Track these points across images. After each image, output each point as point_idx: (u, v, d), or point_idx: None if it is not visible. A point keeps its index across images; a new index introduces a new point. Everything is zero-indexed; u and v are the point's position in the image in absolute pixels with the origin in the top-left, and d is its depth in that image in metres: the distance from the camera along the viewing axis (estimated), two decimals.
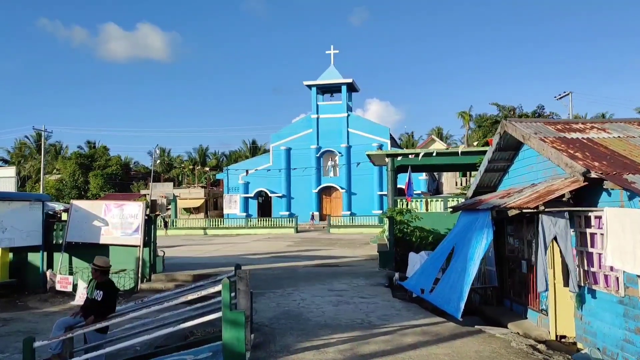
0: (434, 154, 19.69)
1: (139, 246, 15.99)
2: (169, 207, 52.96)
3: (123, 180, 69.45)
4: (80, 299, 15.63)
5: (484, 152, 25.73)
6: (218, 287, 6.35)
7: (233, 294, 7.06)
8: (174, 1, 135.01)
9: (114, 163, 69.34)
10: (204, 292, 6.67)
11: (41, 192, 50.47)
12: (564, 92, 37.33)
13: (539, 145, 8.49)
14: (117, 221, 16.34)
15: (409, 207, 26.54)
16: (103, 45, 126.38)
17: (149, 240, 16.36)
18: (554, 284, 9.01)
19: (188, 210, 57.05)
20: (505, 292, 12.01)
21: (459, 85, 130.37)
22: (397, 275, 15.08)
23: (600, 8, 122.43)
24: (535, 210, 7.71)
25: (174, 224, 45.56)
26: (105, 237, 16.38)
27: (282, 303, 10.77)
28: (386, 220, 26.59)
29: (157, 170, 78.61)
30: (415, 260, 14.33)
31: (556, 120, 9.87)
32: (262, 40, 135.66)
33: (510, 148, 10.70)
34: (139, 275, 15.89)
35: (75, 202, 17.24)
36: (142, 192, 61.96)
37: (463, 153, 19.34)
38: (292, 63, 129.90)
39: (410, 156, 28.56)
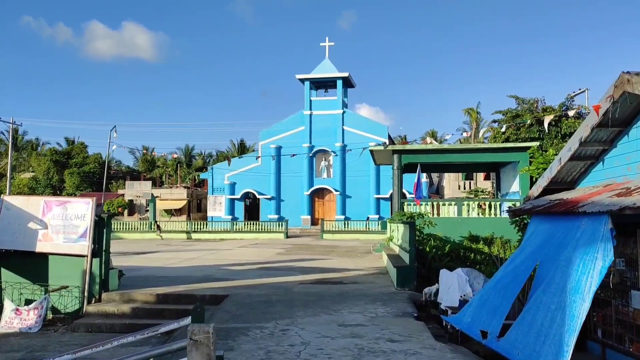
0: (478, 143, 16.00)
1: (87, 256, 12.28)
2: (148, 208, 48.93)
3: (102, 179, 65.12)
4: (6, 324, 11.90)
5: (518, 149, 22.49)
6: None
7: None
8: (159, 1, 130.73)
9: (92, 161, 65.01)
10: None
11: (8, 191, 46.27)
12: (579, 89, 34.11)
13: None
14: (58, 223, 12.59)
15: (418, 211, 23.13)
16: (88, 43, 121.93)
17: (99, 248, 12.63)
18: None
19: (169, 212, 53.01)
20: (589, 332, 8.48)
21: (451, 87, 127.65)
22: (426, 292, 11.57)
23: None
24: None
25: (151, 226, 41.52)
26: (43, 243, 12.61)
27: (273, 352, 7.12)
28: (393, 227, 23.07)
29: (138, 169, 74.50)
30: (450, 281, 10.76)
31: None
32: (250, 41, 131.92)
33: (619, 123, 7.18)
34: (86, 294, 12.16)
35: (6, 197, 13.43)
36: (121, 191, 57.91)
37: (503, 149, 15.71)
38: (281, 65, 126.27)
39: (412, 143, 25.18)
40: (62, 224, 12.53)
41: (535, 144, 18.51)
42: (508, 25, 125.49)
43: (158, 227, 41.02)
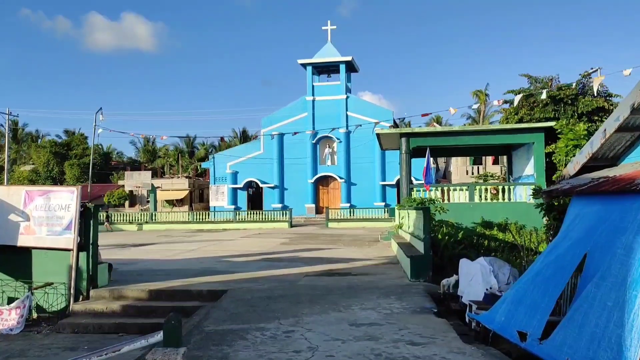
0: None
1: (72, 250, 11.27)
2: (149, 199, 47.95)
3: (102, 171, 64.24)
4: None
5: (533, 130, 21.25)
6: None
7: None
8: None
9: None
10: None
11: (5, 183, 45.35)
12: (592, 68, 32.74)
13: None
14: (41, 215, 11.58)
15: (427, 196, 22.05)
16: (88, 35, 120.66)
17: (86, 241, 11.60)
18: None
19: (170, 203, 52.06)
20: None
21: (457, 71, 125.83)
22: (444, 283, 10.47)
23: None
24: None
25: (153, 217, 40.53)
26: (26, 237, 11.62)
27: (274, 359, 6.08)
28: (402, 213, 22.00)
29: (140, 160, 73.54)
30: (472, 272, 9.67)
31: None
32: (250, 30, 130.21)
33: None
34: (72, 291, 11.16)
35: None
36: (121, 182, 56.99)
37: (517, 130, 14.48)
38: (282, 53, 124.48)
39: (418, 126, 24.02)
40: (45, 216, 11.53)
41: (552, 123, 17.32)
42: (513, 8, 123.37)
43: (107, 218, 38.43)
